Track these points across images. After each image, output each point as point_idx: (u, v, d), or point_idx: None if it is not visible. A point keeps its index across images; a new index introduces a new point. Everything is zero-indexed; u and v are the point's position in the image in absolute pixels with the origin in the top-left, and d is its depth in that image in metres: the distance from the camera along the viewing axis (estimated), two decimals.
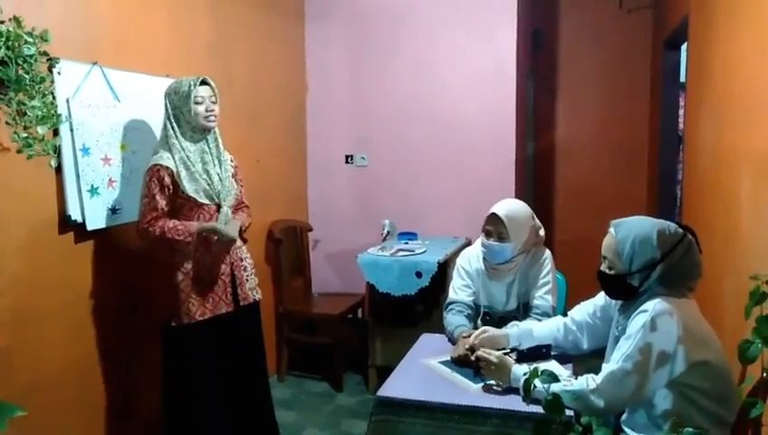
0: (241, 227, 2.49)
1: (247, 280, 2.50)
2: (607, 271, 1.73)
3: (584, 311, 1.98)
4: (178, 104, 2.31)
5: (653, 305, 1.58)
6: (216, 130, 2.42)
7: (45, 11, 2.10)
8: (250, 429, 2.57)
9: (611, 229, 1.73)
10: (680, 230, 1.67)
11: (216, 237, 2.33)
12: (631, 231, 1.66)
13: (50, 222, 2.19)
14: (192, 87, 2.29)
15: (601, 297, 1.93)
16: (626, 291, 1.70)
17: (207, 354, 2.38)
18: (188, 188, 2.29)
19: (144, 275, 2.61)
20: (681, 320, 1.56)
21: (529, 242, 2.28)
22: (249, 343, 2.56)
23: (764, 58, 1.91)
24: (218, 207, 2.38)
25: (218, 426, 2.43)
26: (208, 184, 2.34)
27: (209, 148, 2.39)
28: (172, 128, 2.31)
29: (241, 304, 2.46)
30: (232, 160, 2.52)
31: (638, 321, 1.59)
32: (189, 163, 2.30)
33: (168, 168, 2.26)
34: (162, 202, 2.26)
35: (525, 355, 2.01)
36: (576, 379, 1.69)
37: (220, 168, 2.41)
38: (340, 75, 4.12)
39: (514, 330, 2.05)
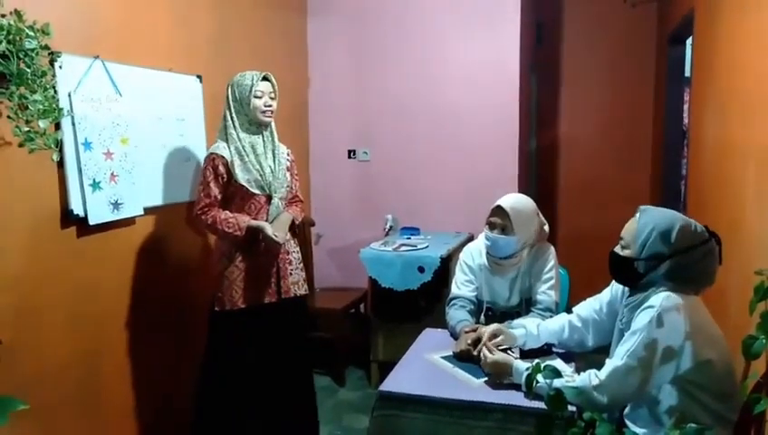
0: (293, 221, 2.53)
1: (291, 274, 2.52)
2: (619, 251, 1.71)
3: (590, 307, 1.96)
4: (239, 96, 2.40)
5: (659, 301, 1.56)
6: (273, 124, 2.50)
7: (46, 4, 2.09)
8: (288, 421, 2.57)
9: (637, 214, 1.71)
10: (706, 234, 1.63)
11: (261, 236, 2.38)
12: (654, 219, 1.64)
13: (52, 217, 2.18)
14: (254, 81, 2.38)
15: (607, 293, 1.92)
16: (630, 275, 1.68)
17: (248, 341, 2.44)
18: (240, 177, 2.36)
19: (146, 269, 2.61)
20: (689, 316, 1.55)
21: (533, 237, 2.27)
22: (290, 337, 2.57)
23: None
24: (269, 198, 2.43)
25: (252, 415, 2.46)
26: (260, 175, 2.40)
27: (264, 141, 2.47)
28: (231, 118, 2.41)
29: (283, 296, 2.49)
30: (288, 154, 2.59)
31: (644, 316, 1.57)
32: (244, 153, 2.38)
33: (222, 157, 2.36)
34: (216, 190, 2.36)
35: (527, 351, 2.00)
36: (579, 375, 1.68)
37: (273, 160, 2.47)
38: (343, 70, 4.11)
39: (521, 331, 2.02)
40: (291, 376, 2.57)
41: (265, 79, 2.42)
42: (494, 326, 1.99)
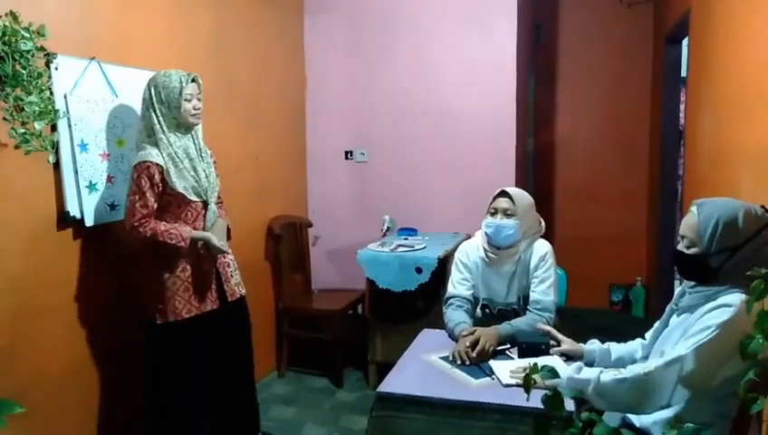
0: (228, 228, 2.49)
1: (232, 276, 2.50)
2: (685, 250, 1.64)
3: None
4: (166, 98, 2.26)
5: (738, 302, 1.50)
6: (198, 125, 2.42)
7: (42, 6, 2.09)
8: (234, 423, 2.55)
9: (693, 208, 1.65)
10: (767, 214, 1.57)
11: (202, 244, 2.33)
12: (716, 210, 1.58)
13: (48, 218, 2.18)
14: (184, 83, 2.27)
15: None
16: (704, 272, 1.61)
17: (194, 351, 2.38)
18: (178, 184, 2.26)
19: (142, 270, 2.60)
20: None
21: (532, 228, 2.29)
22: (237, 339, 2.55)
23: (765, 53, 1.90)
24: (204, 204, 2.37)
25: (203, 421, 2.42)
26: (196, 181, 2.32)
27: (195, 143, 2.38)
28: (159, 122, 2.26)
29: (229, 300, 2.46)
30: (212, 156, 2.51)
31: (719, 314, 1.51)
32: (177, 160, 2.27)
33: (158, 164, 2.22)
34: (152, 200, 2.22)
35: (525, 351, 2.00)
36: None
37: (204, 163, 2.40)
38: (340, 70, 4.10)
39: (595, 347, 1.95)
40: (238, 377, 2.55)
41: (193, 80, 2.31)
42: (566, 347, 1.96)
